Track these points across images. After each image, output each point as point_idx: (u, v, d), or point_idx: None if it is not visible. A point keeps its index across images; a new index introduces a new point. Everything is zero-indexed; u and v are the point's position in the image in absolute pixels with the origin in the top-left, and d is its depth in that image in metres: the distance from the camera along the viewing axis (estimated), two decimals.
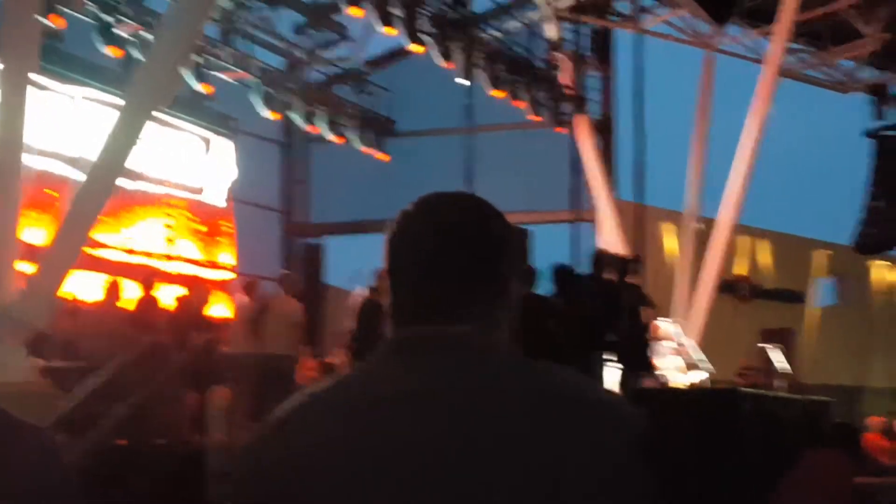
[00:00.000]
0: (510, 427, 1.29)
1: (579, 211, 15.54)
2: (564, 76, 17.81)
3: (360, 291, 11.47)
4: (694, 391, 11.05)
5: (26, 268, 9.46)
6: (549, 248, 13.87)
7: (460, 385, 1.33)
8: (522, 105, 16.54)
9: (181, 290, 13.32)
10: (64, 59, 13.25)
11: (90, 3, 12.50)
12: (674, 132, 19.22)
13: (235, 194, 17.33)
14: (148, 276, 10.98)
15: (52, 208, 12.58)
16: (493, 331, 1.40)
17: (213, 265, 16.48)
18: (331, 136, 16.69)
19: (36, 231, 11.85)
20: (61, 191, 12.94)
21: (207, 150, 16.70)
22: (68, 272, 9.16)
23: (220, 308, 14.43)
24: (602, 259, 10.41)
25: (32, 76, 9.45)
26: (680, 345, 12.49)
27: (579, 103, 17.88)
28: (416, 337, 1.38)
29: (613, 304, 9.93)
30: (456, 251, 1.39)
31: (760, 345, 13.59)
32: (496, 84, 15.87)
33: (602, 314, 9.81)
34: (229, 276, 16.44)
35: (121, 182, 10.27)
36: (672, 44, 18.85)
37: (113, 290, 10.63)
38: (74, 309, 11.09)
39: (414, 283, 1.40)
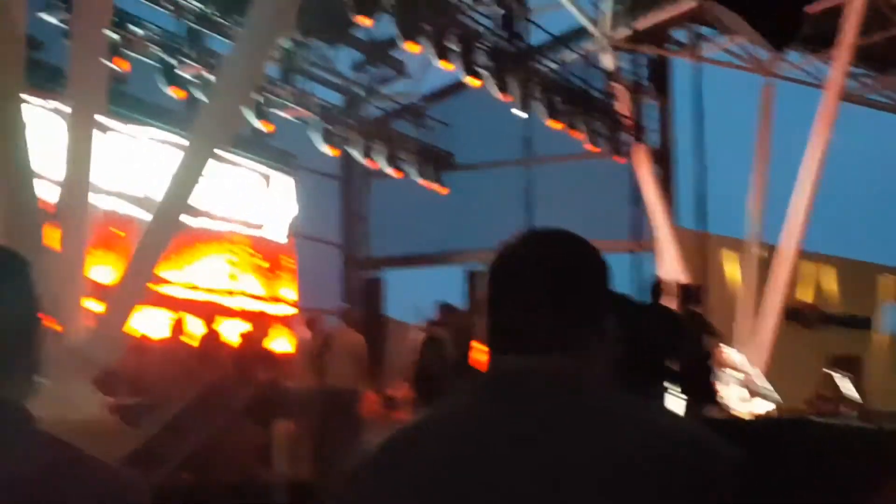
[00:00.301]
0: (609, 465, 1.30)
1: (640, 241, 15.42)
2: (622, 106, 17.76)
3: (420, 325, 11.51)
4: (762, 420, 10.87)
5: (94, 306, 9.63)
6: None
7: (560, 426, 1.33)
8: (580, 136, 16.52)
9: (244, 326, 13.48)
10: (129, 101, 13.54)
11: (154, 45, 12.77)
12: (734, 159, 19.05)
13: (296, 230, 17.51)
14: (210, 313, 11.13)
15: (118, 247, 12.80)
16: (590, 365, 1.41)
17: (275, 300, 16.64)
18: (389, 170, 16.81)
19: (103, 269, 12.06)
20: (128, 230, 13.17)
21: (268, 186, 16.91)
22: (135, 309, 9.30)
23: (282, 343, 14.55)
24: (660, 287, 10.32)
25: (99, 118, 9.66)
26: (745, 374, 12.31)
27: (637, 132, 17.81)
28: (515, 370, 1.39)
29: (674, 333, 9.82)
30: (557, 284, 1.41)
31: (828, 372, 13.34)
32: (553, 115, 15.87)
33: (662, 343, 9.70)
34: (291, 311, 16.58)
35: (184, 219, 10.42)
36: (731, 70, 18.73)
37: (178, 327, 10.80)
38: (141, 346, 11.26)
39: (514, 313, 1.42)
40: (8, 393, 1.50)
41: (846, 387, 12.80)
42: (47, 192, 9.25)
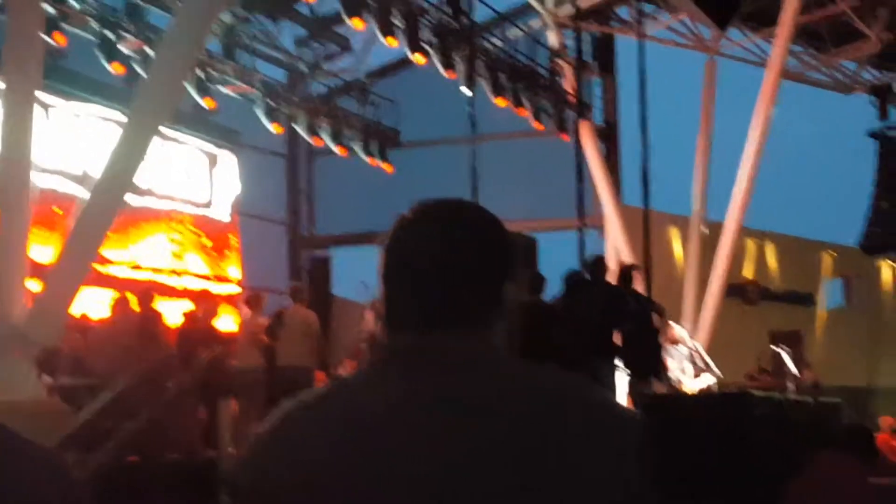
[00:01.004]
0: (508, 434, 1.28)
1: (586, 218, 15.51)
2: (567, 83, 17.82)
3: (372, 304, 11.48)
4: (704, 396, 11.02)
5: (35, 286, 9.47)
6: (556, 256, 13.86)
7: (457, 394, 1.31)
8: (525, 113, 16.54)
9: (189, 305, 13.34)
10: (67, 77, 13.29)
11: (92, 19, 12.53)
12: (678, 137, 19.24)
13: (241, 208, 17.35)
14: (145, 291, 10.95)
15: (59, 226, 12.60)
16: (489, 337, 1.38)
17: (221, 279, 16.50)
18: (335, 148, 16.71)
19: (44, 249, 11.86)
20: (68, 208, 12.96)
21: (212, 164, 16.73)
22: (77, 289, 9.16)
23: (227, 322, 14.44)
24: (603, 264, 10.38)
25: (37, 94, 9.47)
26: (689, 349, 12.47)
27: (582, 110, 17.89)
28: (412, 346, 1.37)
29: (618, 310, 9.91)
30: (453, 257, 1.38)
31: (771, 348, 13.55)
32: (499, 92, 15.88)
33: (606, 320, 9.78)
34: (236, 289, 16.46)
35: (127, 198, 10.27)
36: (675, 48, 18.86)
37: (119, 307, 10.64)
38: (83, 326, 11.10)
39: (410, 289, 1.39)
40: None
41: (787, 362, 13.01)
42: None
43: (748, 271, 20.81)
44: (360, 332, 12.40)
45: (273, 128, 15.61)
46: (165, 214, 15.75)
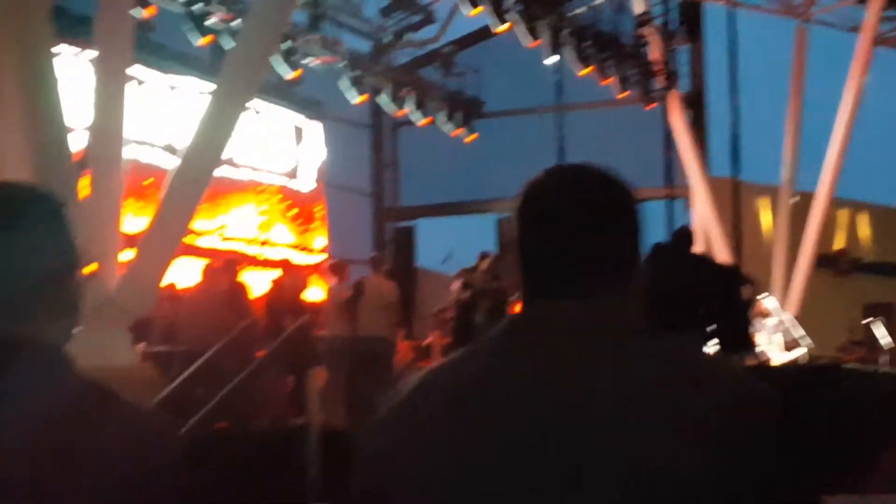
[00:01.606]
0: (636, 404, 1.26)
1: (673, 188, 15.27)
2: (653, 51, 17.53)
3: (461, 273, 11.50)
4: (795, 367, 10.83)
5: (126, 255, 9.68)
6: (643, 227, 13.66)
7: (598, 363, 1.29)
8: (610, 82, 16.33)
9: (276, 275, 13.52)
10: (156, 50, 13.51)
11: None
12: (768, 105, 18.80)
13: (325, 178, 17.50)
14: (231, 261, 11.13)
15: (151, 197, 12.85)
16: (628, 303, 1.36)
17: (306, 250, 16.69)
18: (418, 119, 16.72)
19: (137, 220, 12.11)
20: (159, 180, 13.21)
21: (297, 134, 16.89)
22: (169, 260, 9.34)
23: (314, 291, 14.61)
24: (688, 235, 10.23)
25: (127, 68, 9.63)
26: (779, 321, 12.25)
27: (669, 78, 17.58)
28: (550, 312, 1.34)
29: (705, 281, 9.75)
30: (589, 223, 1.36)
31: (864, 320, 13.25)
32: (583, 61, 15.69)
33: (693, 292, 9.64)
34: (321, 259, 16.63)
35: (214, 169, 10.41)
36: (764, 14, 18.41)
37: (209, 276, 10.82)
38: (174, 295, 11.33)
39: (546, 255, 1.36)
40: (47, 337, 1.49)
41: (881, 334, 12.70)
42: (78, 142, 9.26)
43: (840, 242, 20.32)
44: (446, 302, 12.44)
45: (357, 98, 15.67)
46: (252, 185, 15.97)
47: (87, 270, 8.12)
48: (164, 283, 9.73)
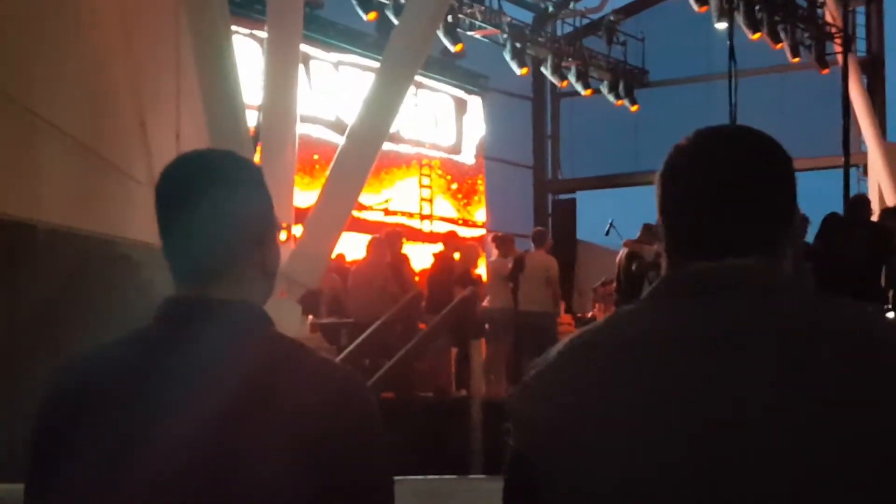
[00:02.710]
0: (809, 371, 1.21)
1: (850, 155, 14.58)
2: (829, 13, 16.79)
3: (626, 243, 11.35)
4: None
5: (296, 229, 9.94)
6: (819, 196, 13.13)
7: (753, 323, 1.25)
8: (782, 46, 15.73)
9: (439, 248, 13.64)
10: (324, 27, 13.78)
11: None
12: None
13: (486, 152, 17.53)
14: (394, 234, 11.27)
15: (320, 173, 13.15)
16: (778, 264, 1.32)
17: (468, 223, 16.78)
18: (581, 89, 16.52)
19: (305, 195, 12.42)
20: (328, 156, 13.51)
21: (460, 108, 16.96)
22: (338, 234, 9.55)
23: (476, 265, 14.68)
24: (865, 203, 9.77)
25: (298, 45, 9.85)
26: None
27: (845, 41, 16.80)
28: (705, 272, 1.31)
29: (884, 250, 9.31)
30: (746, 181, 1.33)
31: None
32: (754, 26, 15.16)
33: (871, 261, 9.22)
34: (482, 233, 16.70)
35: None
36: None
37: (374, 249, 10.99)
38: (340, 267, 11.57)
39: (695, 217, 1.34)
40: (248, 295, 1.54)
41: None
42: (251, 119, 9.53)
43: None
44: (609, 274, 12.29)
45: (520, 70, 15.60)
46: (416, 159, 16.14)
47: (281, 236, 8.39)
48: (332, 256, 9.95)
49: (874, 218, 9.98)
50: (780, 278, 1.31)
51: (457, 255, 11.43)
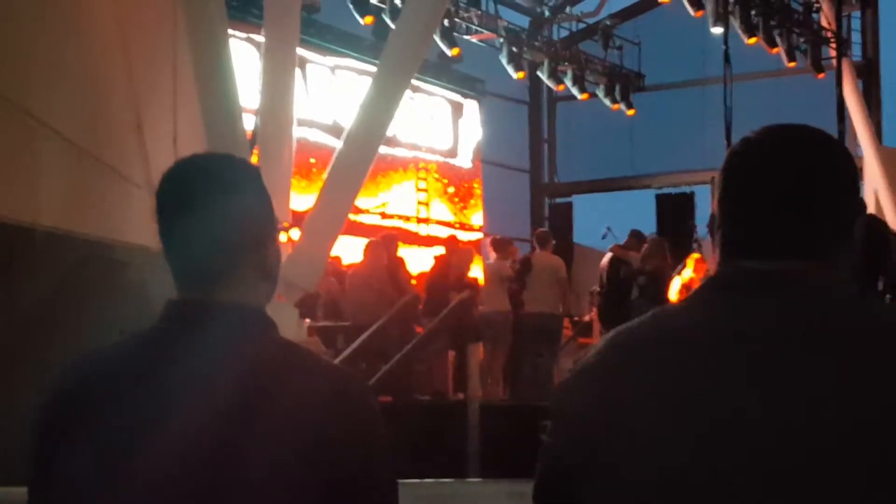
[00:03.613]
0: (859, 377, 1.20)
1: None
2: (824, 17, 16.82)
3: (612, 249, 11.33)
4: None
5: (293, 233, 9.92)
6: None
7: (805, 326, 1.25)
8: (778, 51, 15.75)
9: (436, 252, 13.63)
10: (321, 31, 13.77)
11: None
12: None
13: (483, 156, 17.54)
14: (390, 238, 11.26)
15: (316, 176, 13.13)
16: (830, 269, 1.31)
17: (464, 227, 16.78)
18: (577, 93, 16.53)
19: (301, 198, 12.41)
20: (324, 159, 13.49)
21: (456, 112, 16.96)
22: (335, 237, 9.54)
23: (473, 268, 14.66)
24: (862, 206, 9.79)
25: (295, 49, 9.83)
26: None
27: (840, 45, 16.84)
28: (758, 273, 1.30)
29: (880, 254, 9.33)
30: (807, 182, 1.32)
31: None
32: (750, 30, 15.18)
33: (868, 265, 9.23)
34: (479, 236, 16.70)
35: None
36: None
37: (371, 252, 10.98)
38: (337, 271, 11.57)
39: (758, 214, 1.33)
40: (250, 298, 1.55)
41: None
42: (248, 123, 9.52)
43: None
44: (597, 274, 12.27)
45: (516, 74, 15.61)
46: (412, 163, 16.14)
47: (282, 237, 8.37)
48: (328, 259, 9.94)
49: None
50: (835, 284, 1.30)
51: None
